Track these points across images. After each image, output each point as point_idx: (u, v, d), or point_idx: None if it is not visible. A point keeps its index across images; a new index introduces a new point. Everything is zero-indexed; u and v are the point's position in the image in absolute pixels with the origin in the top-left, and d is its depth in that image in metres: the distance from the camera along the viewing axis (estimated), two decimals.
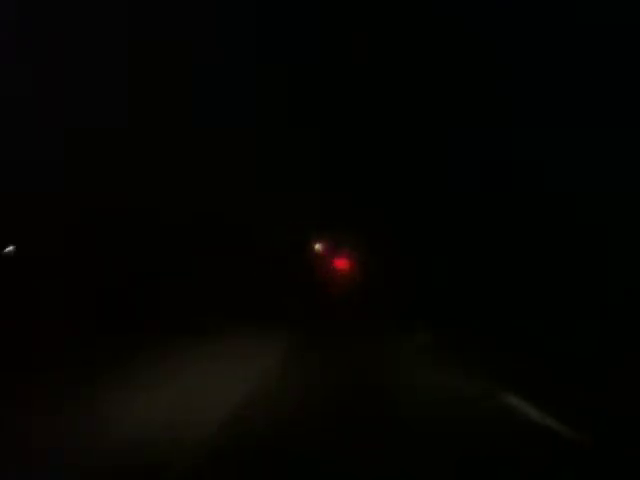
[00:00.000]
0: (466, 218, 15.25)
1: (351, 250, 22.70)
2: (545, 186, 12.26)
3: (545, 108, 12.11)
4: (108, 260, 13.49)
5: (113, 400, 5.44)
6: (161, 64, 13.38)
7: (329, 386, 6.30)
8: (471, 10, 12.95)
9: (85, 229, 12.37)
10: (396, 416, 4.97)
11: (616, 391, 5.63)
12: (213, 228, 17.68)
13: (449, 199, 16.19)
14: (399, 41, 14.84)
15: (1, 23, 10.48)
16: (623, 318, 8.68)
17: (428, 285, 15.70)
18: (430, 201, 17.38)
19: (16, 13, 10.73)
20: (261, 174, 19.16)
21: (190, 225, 16.59)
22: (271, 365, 7.64)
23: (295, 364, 7.99)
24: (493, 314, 11.24)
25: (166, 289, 14.94)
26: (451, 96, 14.51)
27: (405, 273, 18.10)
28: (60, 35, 11.44)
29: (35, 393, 5.66)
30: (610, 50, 10.52)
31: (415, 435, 4.40)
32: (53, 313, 9.77)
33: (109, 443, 4.15)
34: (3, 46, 10.41)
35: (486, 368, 7.42)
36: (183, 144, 15.32)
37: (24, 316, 9.30)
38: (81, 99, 11.84)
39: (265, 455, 3.91)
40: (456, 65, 14.05)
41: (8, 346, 7.61)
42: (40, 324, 9.21)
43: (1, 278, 9.61)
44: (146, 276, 15.25)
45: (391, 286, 18.01)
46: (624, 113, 10.52)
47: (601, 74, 10.81)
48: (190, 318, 11.95)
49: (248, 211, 18.80)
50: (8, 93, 10.30)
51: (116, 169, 12.99)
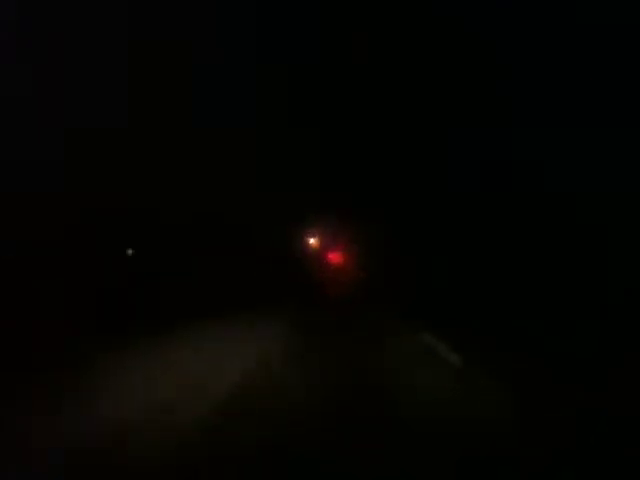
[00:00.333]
0: (466, 218, 15.26)
1: (347, 247, 22.73)
2: (545, 186, 12.27)
3: (545, 108, 12.12)
4: (108, 260, 13.50)
5: (113, 398, 5.44)
6: (161, 64, 13.39)
7: (329, 386, 6.30)
8: (471, 10, 12.96)
9: (85, 229, 12.37)
10: (396, 416, 4.97)
11: (616, 391, 5.63)
12: (213, 228, 17.69)
13: (449, 199, 16.21)
14: (399, 41, 14.85)
15: (1, 23, 10.48)
16: (623, 318, 8.69)
17: (428, 285, 15.71)
18: (430, 201, 17.39)
19: (16, 13, 10.73)
20: (261, 174, 19.18)
21: (190, 225, 16.60)
22: (269, 365, 7.62)
23: (295, 364, 7.98)
24: (493, 314, 11.25)
25: (166, 289, 14.96)
26: (451, 96, 14.52)
27: (405, 273, 18.11)
28: (60, 35, 11.44)
29: (35, 393, 5.66)
30: (610, 50, 10.52)
31: (415, 435, 4.40)
32: (53, 313, 9.77)
33: (109, 443, 4.15)
34: (3, 46, 10.41)
35: (486, 368, 7.42)
36: (183, 144, 15.33)
37: (24, 316, 9.30)
38: (81, 99, 11.84)
39: (265, 455, 3.91)
40: (456, 65, 14.06)
41: (8, 346, 7.61)
42: (40, 324, 9.21)
43: (1, 278, 9.61)
44: (146, 276, 15.26)
45: (391, 286, 18.02)
46: (624, 113, 10.52)
47: (601, 74, 10.82)
48: (189, 319, 11.96)
49: (248, 211, 18.81)
50: (8, 93, 10.29)
51: (116, 169, 13.00)
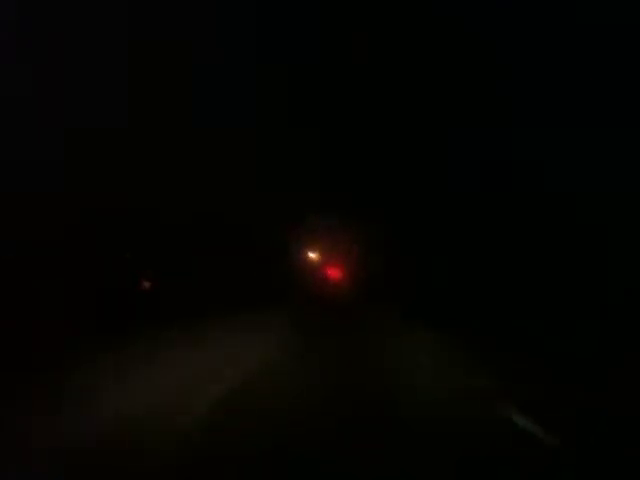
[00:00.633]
0: (466, 218, 15.26)
1: (345, 256, 22.70)
2: (545, 186, 12.27)
3: (545, 108, 12.12)
4: (108, 260, 13.49)
5: (113, 398, 5.44)
6: (161, 64, 13.38)
7: (329, 386, 6.30)
8: (471, 10, 12.96)
9: (85, 229, 12.36)
10: (396, 416, 4.97)
11: (616, 391, 5.64)
12: (213, 228, 17.69)
13: (449, 199, 16.20)
14: (399, 41, 14.85)
15: (1, 23, 10.47)
16: (623, 318, 8.70)
17: (428, 285, 15.71)
18: (430, 201, 17.39)
19: (16, 13, 10.72)
20: (261, 174, 19.17)
21: (190, 225, 16.60)
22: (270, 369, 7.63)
23: (295, 364, 7.99)
24: (493, 314, 11.26)
25: (165, 289, 14.96)
26: (451, 96, 14.52)
27: (405, 273, 18.11)
28: (60, 35, 11.43)
29: (35, 393, 5.65)
30: (610, 50, 10.52)
31: (415, 435, 4.40)
32: (53, 313, 9.76)
33: (109, 443, 4.15)
34: (3, 46, 10.40)
35: (486, 368, 7.43)
36: (183, 144, 15.32)
37: (24, 316, 9.29)
38: (81, 99, 11.83)
39: (265, 455, 3.91)
40: (456, 65, 14.06)
41: (8, 346, 7.60)
42: (40, 324, 9.21)
43: (1, 278, 9.60)
44: (146, 276, 15.27)
45: (391, 286, 18.03)
46: (624, 113, 10.52)
47: (601, 74, 10.82)
48: (189, 319, 11.96)
49: (248, 211, 18.81)
50: (8, 93, 10.28)
51: (116, 169, 12.99)
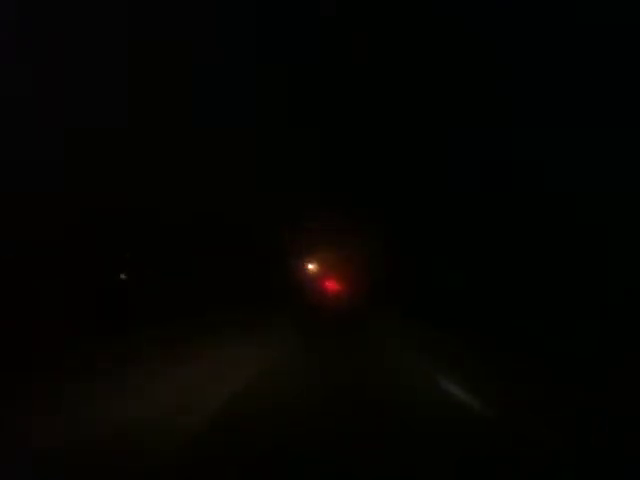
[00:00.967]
0: (466, 218, 15.25)
1: (345, 256, 22.73)
2: (545, 186, 12.25)
3: (545, 108, 12.10)
4: (108, 260, 13.50)
5: (113, 398, 5.44)
6: (161, 64, 13.37)
7: (329, 386, 6.30)
8: (471, 10, 12.94)
9: (85, 229, 12.37)
10: (396, 416, 4.97)
11: (616, 391, 5.63)
12: (213, 228, 17.69)
13: (449, 199, 16.19)
14: (399, 41, 14.83)
15: (1, 23, 10.46)
16: (623, 318, 8.69)
17: (428, 285, 15.72)
18: (430, 201, 17.38)
19: (16, 13, 10.72)
20: (261, 174, 19.16)
21: (190, 225, 16.60)
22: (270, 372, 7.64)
23: (296, 366, 7.99)
24: (493, 314, 11.26)
25: (165, 289, 14.96)
26: (451, 96, 14.50)
27: (405, 273, 18.12)
28: (60, 35, 11.42)
29: (35, 393, 5.66)
30: (610, 50, 10.51)
31: (415, 435, 4.40)
32: (53, 313, 9.77)
33: (109, 443, 4.14)
34: (3, 46, 10.39)
35: (486, 369, 7.43)
36: (183, 144, 15.31)
37: (24, 316, 9.30)
38: (81, 99, 11.82)
39: (265, 455, 3.91)
40: (456, 65, 14.05)
41: (8, 346, 7.60)
42: (40, 324, 9.21)
43: (1, 278, 9.61)
44: (146, 276, 15.27)
45: (391, 286, 18.03)
46: (624, 113, 10.51)
47: (601, 74, 10.81)
48: (189, 318, 11.96)
49: (248, 211, 18.82)
50: (8, 93, 10.28)
51: (116, 169, 12.98)
